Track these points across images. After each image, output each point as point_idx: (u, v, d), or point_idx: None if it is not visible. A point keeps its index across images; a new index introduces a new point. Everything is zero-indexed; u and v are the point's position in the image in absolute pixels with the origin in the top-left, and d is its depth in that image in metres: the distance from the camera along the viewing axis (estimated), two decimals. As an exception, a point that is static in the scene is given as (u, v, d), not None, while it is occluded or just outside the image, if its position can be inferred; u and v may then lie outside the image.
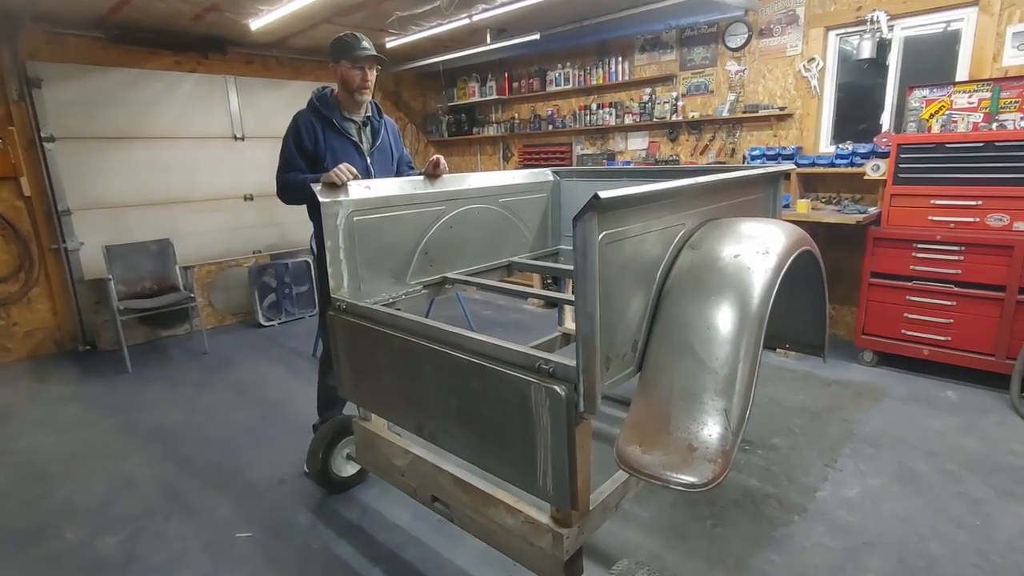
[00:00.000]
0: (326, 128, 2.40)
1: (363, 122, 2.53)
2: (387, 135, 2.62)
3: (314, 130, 2.38)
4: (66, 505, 2.42)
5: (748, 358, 1.46)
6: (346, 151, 2.43)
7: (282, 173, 2.39)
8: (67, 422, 3.25)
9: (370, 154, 2.53)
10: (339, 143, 2.42)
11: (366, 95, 2.45)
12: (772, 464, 2.54)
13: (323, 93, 2.47)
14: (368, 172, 2.50)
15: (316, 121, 2.39)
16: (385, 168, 2.61)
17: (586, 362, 1.36)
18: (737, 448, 1.40)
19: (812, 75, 3.98)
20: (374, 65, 2.42)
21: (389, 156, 2.64)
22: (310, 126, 2.38)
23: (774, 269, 1.56)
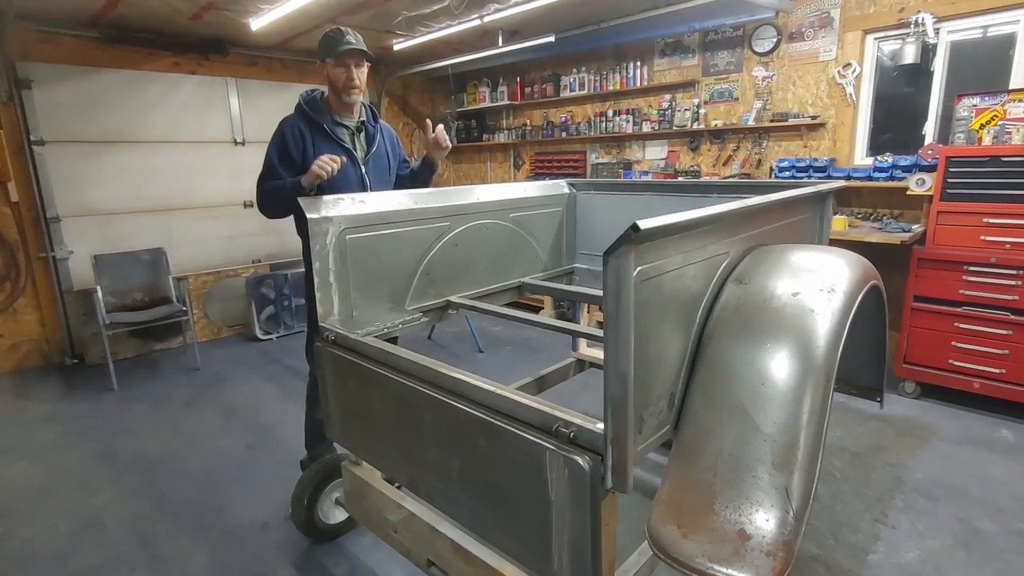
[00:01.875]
0: (316, 134, 2.17)
1: (357, 127, 2.29)
2: (383, 142, 2.38)
3: (302, 137, 2.15)
4: (22, 550, 2.18)
5: (814, 423, 1.19)
6: None
7: (261, 184, 2.16)
8: (41, 447, 3.02)
9: (365, 162, 2.28)
10: (330, 150, 2.16)
11: (355, 95, 2.20)
12: (814, 517, 2.25)
13: (312, 96, 2.24)
14: (363, 183, 2.26)
15: (305, 127, 2.16)
16: (381, 178, 2.36)
17: (616, 431, 1.09)
18: (801, 538, 1.13)
19: (847, 82, 3.70)
20: (361, 61, 2.17)
21: (386, 165, 2.39)
22: (297, 133, 2.15)
23: (842, 311, 1.29)
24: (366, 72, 2.23)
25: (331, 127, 2.19)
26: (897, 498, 2.36)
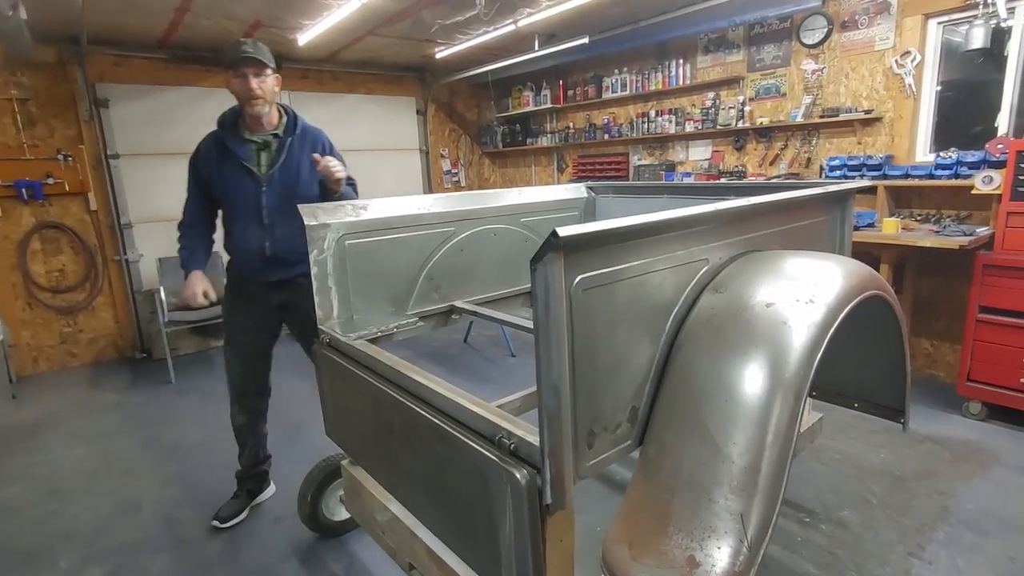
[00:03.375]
0: (222, 154, 2.10)
1: (264, 142, 2.13)
2: (299, 152, 2.15)
3: (210, 157, 2.11)
4: (70, 526, 2.40)
5: (778, 444, 1.10)
6: (237, 182, 2.11)
7: (184, 214, 2.24)
8: (101, 433, 3.31)
9: (267, 180, 2.11)
10: (231, 172, 2.10)
11: (257, 106, 2.03)
12: (838, 545, 2.07)
13: (226, 113, 2.16)
14: (257, 204, 2.12)
15: (215, 147, 2.11)
16: (287, 196, 2.09)
17: (552, 444, 1.05)
18: (755, 570, 1.04)
19: (907, 71, 3.39)
20: (261, 70, 2.02)
21: (294, 179, 2.14)
22: (208, 153, 2.12)
23: (820, 324, 1.18)
24: (271, 81, 2.07)
25: (234, 145, 2.08)
26: (940, 530, 2.13)
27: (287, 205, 2.05)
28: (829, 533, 2.14)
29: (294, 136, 2.16)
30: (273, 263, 2.18)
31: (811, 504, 2.30)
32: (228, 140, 2.09)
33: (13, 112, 4.09)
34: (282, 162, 2.12)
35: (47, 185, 4.21)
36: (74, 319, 4.54)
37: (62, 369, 4.50)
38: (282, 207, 2.10)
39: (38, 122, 4.19)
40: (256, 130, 2.13)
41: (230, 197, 2.13)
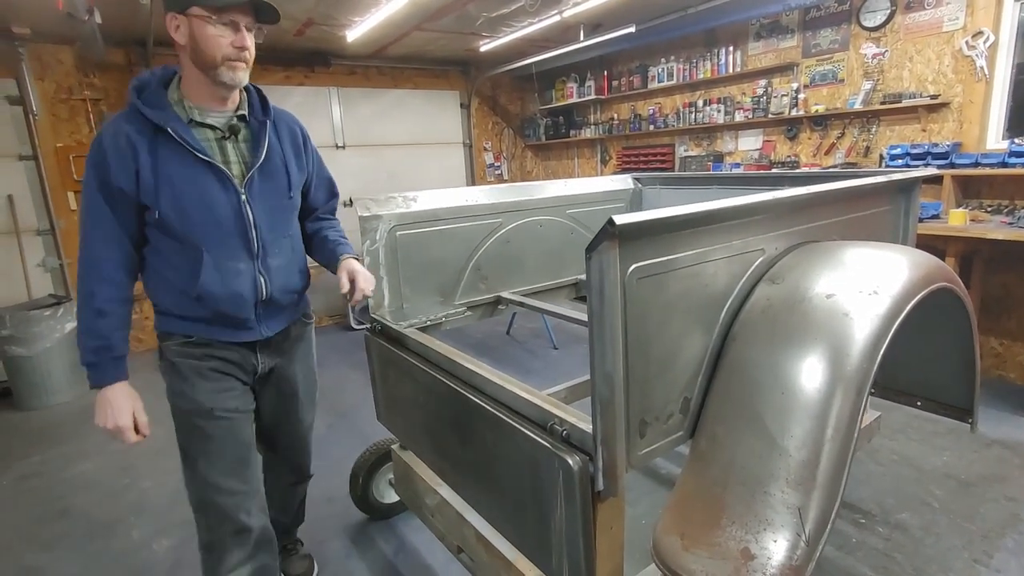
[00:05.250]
0: (156, 145, 1.31)
1: (229, 127, 1.41)
2: (279, 145, 1.49)
3: (132, 151, 1.30)
4: (141, 500, 2.57)
5: (838, 439, 1.07)
6: (199, 185, 1.34)
7: (84, 261, 1.35)
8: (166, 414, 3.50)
9: (247, 184, 1.40)
10: (184, 170, 1.33)
11: (241, 73, 1.33)
12: (896, 549, 1.99)
13: (147, 81, 1.37)
14: (241, 216, 1.40)
15: (137, 135, 1.30)
16: (277, 208, 1.49)
17: (605, 432, 1.06)
18: (813, 565, 1.03)
19: (979, 53, 3.19)
20: (262, 20, 1.35)
21: (284, 184, 1.49)
22: (124, 145, 1.29)
23: (885, 317, 1.14)
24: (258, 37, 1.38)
25: (181, 131, 1.31)
26: (1009, 538, 2.02)
27: (279, 222, 1.49)
28: (887, 536, 2.06)
29: (270, 119, 1.47)
30: (269, 311, 1.52)
31: (867, 506, 2.22)
32: (170, 123, 1.30)
33: (87, 112, 4.35)
34: (264, 158, 1.43)
35: (117, 180, 4.48)
36: (140, 306, 4.80)
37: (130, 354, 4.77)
38: (274, 225, 1.47)
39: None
40: (211, 108, 1.38)
41: (192, 216, 1.34)
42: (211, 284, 1.40)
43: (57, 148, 4.29)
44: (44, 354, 3.68)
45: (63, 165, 4.31)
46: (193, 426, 1.51)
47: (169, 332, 1.50)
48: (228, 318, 1.46)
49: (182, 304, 1.44)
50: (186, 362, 1.49)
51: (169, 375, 1.51)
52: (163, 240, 1.38)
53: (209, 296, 1.40)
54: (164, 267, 1.41)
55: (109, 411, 1.39)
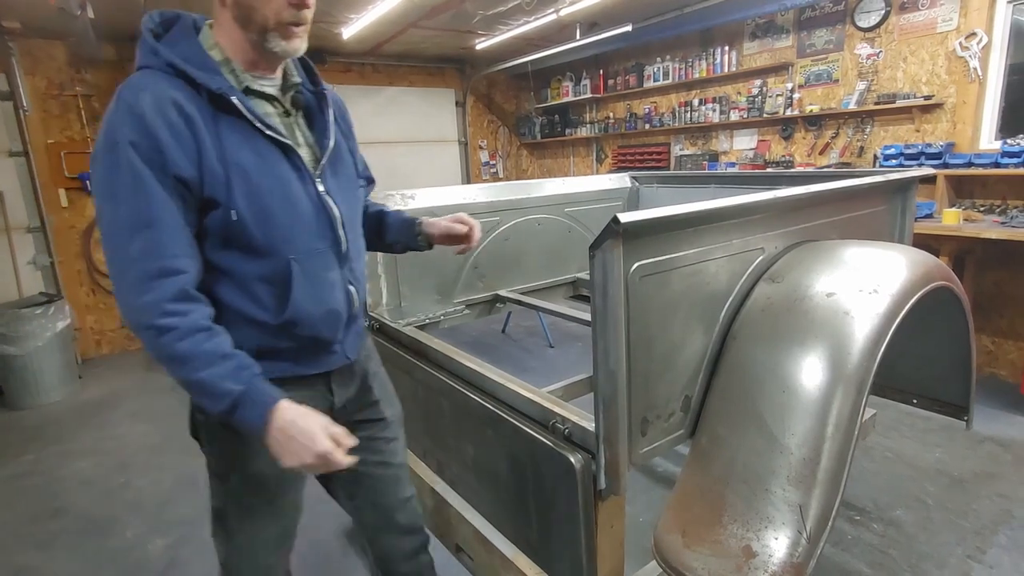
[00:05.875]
0: (219, 120, 0.98)
1: (293, 101, 1.12)
2: (339, 126, 1.19)
3: (191, 128, 0.95)
4: (136, 498, 2.55)
5: (839, 437, 1.08)
6: (277, 175, 1.03)
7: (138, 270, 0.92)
8: (160, 412, 3.49)
9: (320, 175, 1.10)
10: (256, 157, 1.01)
11: (297, 41, 1.04)
12: (891, 545, 2.01)
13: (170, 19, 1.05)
14: (324, 210, 1.10)
15: (188, 103, 0.95)
16: (353, 198, 1.21)
17: (608, 430, 1.07)
18: (814, 562, 1.03)
19: (971, 54, 3.22)
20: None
21: (352, 170, 1.22)
22: (178, 120, 0.94)
23: (885, 315, 1.15)
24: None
25: (244, 101, 0.99)
26: (1002, 534, 2.05)
27: (356, 216, 1.23)
28: (882, 532, 2.08)
29: (328, 91, 1.18)
30: (352, 327, 1.21)
31: (862, 502, 2.24)
32: (227, 90, 0.98)
33: (78, 108, 4.31)
34: (335, 140, 1.14)
35: (109, 177, 4.43)
36: (132, 305, 4.77)
37: (122, 352, 4.75)
38: (354, 220, 1.20)
39: (100, 117, 4.40)
40: (263, 75, 1.07)
41: (276, 216, 1.02)
42: (305, 302, 1.06)
43: (48, 144, 4.24)
44: (35, 353, 3.64)
45: (54, 162, 4.26)
46: (245, 497, 1.14)
47: None
48: (320, 343, 1.13)
49: (255, 339, 1.05)
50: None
51: (217, 432, 1.10)
52: (230, 256, 1.00)
53: (305, 319, 1.06)
54: (232, 295, 1.03)
55: (298, 441, 0.94)
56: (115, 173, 0.91)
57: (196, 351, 0.92)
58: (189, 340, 0.92)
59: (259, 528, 1.19)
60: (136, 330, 0.93)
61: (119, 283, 0.93)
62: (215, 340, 0.95)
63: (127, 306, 0.92)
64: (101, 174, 0.93)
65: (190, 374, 0.92)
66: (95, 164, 0.94)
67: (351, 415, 1.27)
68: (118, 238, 0.92)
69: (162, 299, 0.91)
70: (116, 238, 0.93)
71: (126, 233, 0.92)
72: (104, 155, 0.92)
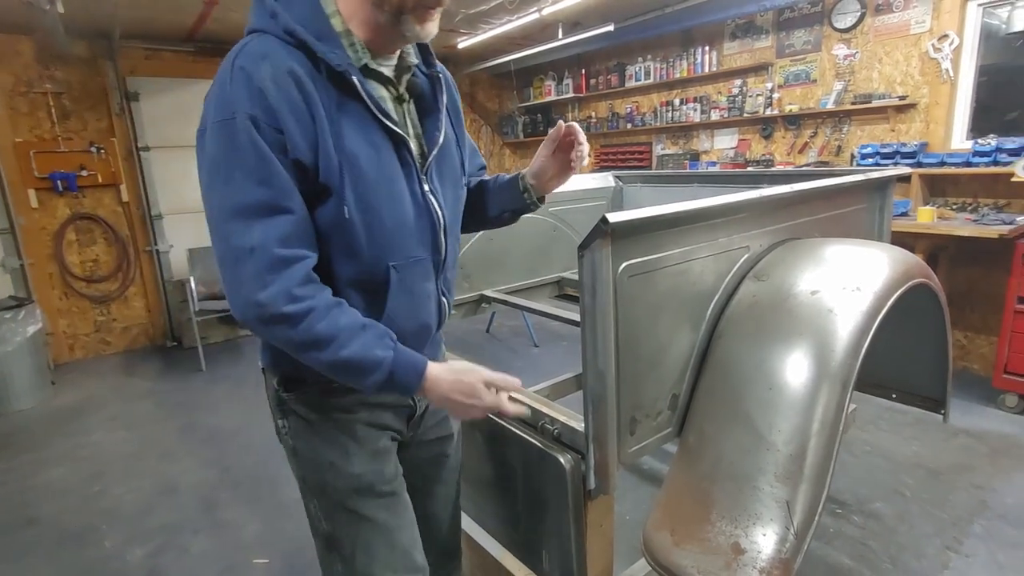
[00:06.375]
0: (336, 101, 0.87)
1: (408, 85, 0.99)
2: (450, 117, 1.07)
3: (310, 107, 0.84)
4: (114, 507, 2.49)
5: (824, 434, 1.09)
6: (385, 170, 0.92)
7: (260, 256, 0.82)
8: (138, 418, 3.41)
9: (427, 172, 0.98)
10: (367, 147, 0.90)
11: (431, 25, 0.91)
12: (871, 537, 2.05)
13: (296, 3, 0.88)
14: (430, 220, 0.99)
15: (308, 79, 0.85)
16: (456, 198, 1.07)
17: (597, 430, 1.07)
18: (801, 557, 1.04)
19: (944, 56, 3.30)
20: None
21: (458, 166, 1.08)
22: (298, 97, 0.83)
23: (868, 313, 1.16)
24: None
25: (365, 85, 0.89)
26: (977, 524, 2.10)
27: (456, 219, 1.09)
28: (862, 525, 2.12)
29: (443, 74, 1.05)
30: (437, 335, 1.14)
31: (843, 496, 2.28)
32: (349, 70, 0.86)
33: (48, 106, 4.19)
34: (446, 133, 1.02)
35: (81, 177, 4.32)
36: (107, 308, 4.66)
37: (97, 357, 4.63)
38: (454, 223, 1.08)
39: (71, 115, 4.29)
40: (382, 56, 0.95)
41: (383, 216, 0.92)
42: (399, 315, 0.97)
43: (16, 143, 4.11)
44: (5, 358, 3.53)
45: (23, 162, 4.13)
46: (349, 510, 1.02)
47: (300, 378, 0.99)
48: None
49: None
50: (334, 419, 1.00)
51: (304, 439, 1.01)
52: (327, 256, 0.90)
53: (396, 332, 0.93)
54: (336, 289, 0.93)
55: (464, 393, 0.91)
56: (232, 151, 0.81)
57: (337, 328, 0.85)
58: (327, 319, 0.85)
59: (366, 546, 1.03)
60: (261, 324, 0.84)
61: (233, 275, 0.83)
62: (348, 312, 0.88)
63: (246, 301, 0.82)
64: (213, 151, 0.82)
65: (337, 353, 0.85)
66: (205, 139, 0.83)
67: (427, 427, 1.15)
68: (234, 224, 0.82)
69: (290, 285, 0.83)
70: (231, 224, 0.82)
71: (243, 219, 0.81)
72: (219, 130, 0.81)
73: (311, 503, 1.06)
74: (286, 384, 1.00)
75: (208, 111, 0.84)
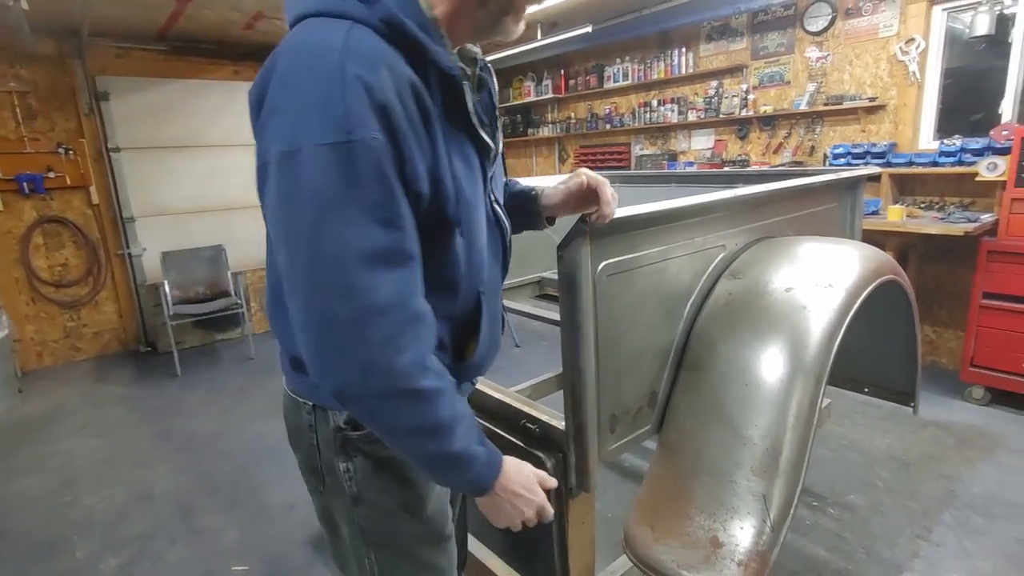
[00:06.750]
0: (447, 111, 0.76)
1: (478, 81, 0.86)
2: None
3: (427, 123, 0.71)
4: (86, 516, 2.42)
5: (799, 428, 1.12)
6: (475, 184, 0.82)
7: (395, 339, 0.68)
8: (110, 426, 3.33)
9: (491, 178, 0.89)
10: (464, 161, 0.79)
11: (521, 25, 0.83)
12: (847, 529, 2.10)
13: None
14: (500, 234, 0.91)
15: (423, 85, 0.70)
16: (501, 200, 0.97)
17: (578, 429, 1.07)
18: (778, 549, 1.07)
19: (911, 59, 3.39)
20: None
21: (503, 171, 1.02)
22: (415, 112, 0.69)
23: (839, 309, 1.19)
24: None
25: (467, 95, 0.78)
26: (946, 513, 2.16)
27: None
28: (837, 517, 2.17)
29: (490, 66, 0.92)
30: None
31: (819, 489, 2.33)
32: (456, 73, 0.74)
33: (13, 105, 4.06)
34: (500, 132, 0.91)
35: (48, 179, 4.19)
36: (77, 313, 4.53)
37: (67, 363, 4.50)
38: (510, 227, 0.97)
39: (38, 115, 4.17)
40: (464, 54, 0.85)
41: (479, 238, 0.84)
42: (487, 342, 0.89)
43: (-20, 144, 3.98)
44: (-30, 366, 3.42)
45: (-13, 163, 4.01)
46: (415, 559, 0.90)
47: None
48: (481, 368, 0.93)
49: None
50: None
51: (374, 483, 0.86)
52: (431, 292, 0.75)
53: (484, 363, 0.90)
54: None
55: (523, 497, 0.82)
56: (350, 183, 0.64)
57: (455, 415, 0.73)
58: (452, 403, 0.72)
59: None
60: (381, 398, 0.68)
61: (350, 336, 0.66)
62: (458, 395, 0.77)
63: (373, 367, 0.66)
64: (319, 182, 0.63)
65: (448, 445, 0.72)
66: (299, 165, 0.64)
67: None
68: (356, 275, 0.65)
69: (425, 352, 0.71)
70: (352, 275, 0.65)
71: (367, 268, 0.65)
72: (328, 155, 0.63)
73: (367, 557, 0.89)
74: (354, 421, 0.83)
75: (299, 127, 0.64)
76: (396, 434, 0.72)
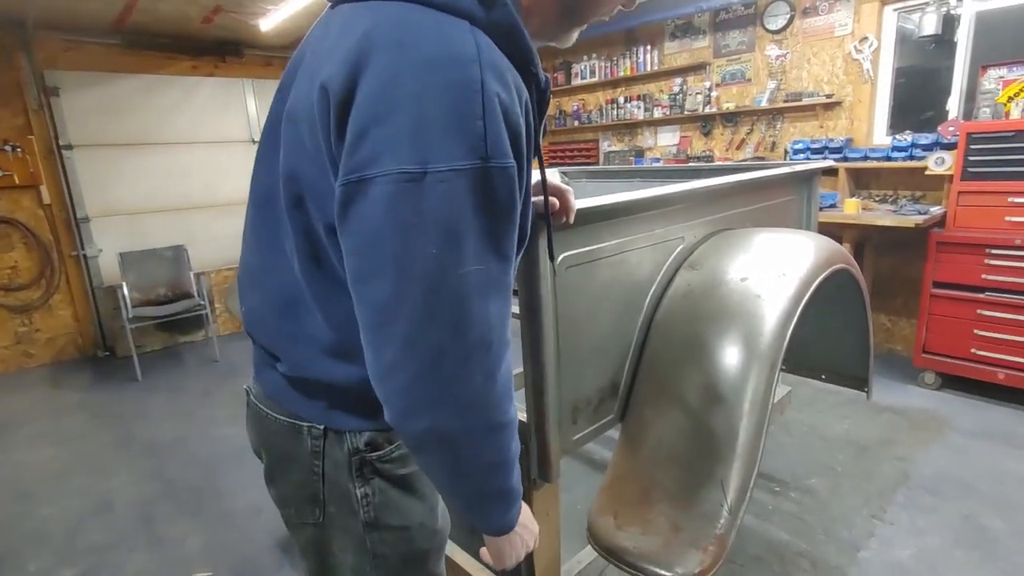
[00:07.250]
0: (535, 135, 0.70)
1: None
2: None
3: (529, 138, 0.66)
4: (40, 528, 2.33)
5: (754, 413, 1.15)
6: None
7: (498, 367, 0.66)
8: (68, 433, 3.21)
9: None
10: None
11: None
12: (807, 512, 2.17)
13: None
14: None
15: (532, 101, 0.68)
16: None
17: (539, 420, 1.08)
18: (735, 532, 1.09)
19: (864, 57, 3.51)
20: None
21: None
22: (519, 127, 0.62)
23: (792, 298, 1.23)
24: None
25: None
26: (900, 493, 2.25)
27: None
28: (798, 501, 2.24)
29: None
30: None
31: (781, 475, 2.40)
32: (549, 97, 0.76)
33: (-45, 101, 3.87)
34: None
35: (-5, 178, 4.01)
36: (29, 318, 4.35)
37: (19, 370, 4.32)
38: None
39: (-16, 113, 3.98)
40: None
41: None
42: None
43: (-81, 141, 3.78)
44: (-88, 375, 3.24)
45: (-73, 161, 3.81)
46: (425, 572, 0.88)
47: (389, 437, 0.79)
48: None
49: None
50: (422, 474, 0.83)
51: (392, 503, 0.81)
52: None
53: None
54: None
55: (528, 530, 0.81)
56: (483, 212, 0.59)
57: (516, 448, 0.71)
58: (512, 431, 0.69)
59: None
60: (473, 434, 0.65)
61: (461, 370, 0.61)
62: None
63: (473, 403, 0.63)
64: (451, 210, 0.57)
65: (510, 480, 0.70)
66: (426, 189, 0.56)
67: None
68: (473, 308, 0.60)
69: (510, 378, 0.68)
70: (469, 308, 0.60)
71: (482, 298, 0.61)
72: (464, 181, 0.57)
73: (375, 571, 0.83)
74: (375, 442, 0.78)
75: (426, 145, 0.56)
76: (466, 471, 0.67)
